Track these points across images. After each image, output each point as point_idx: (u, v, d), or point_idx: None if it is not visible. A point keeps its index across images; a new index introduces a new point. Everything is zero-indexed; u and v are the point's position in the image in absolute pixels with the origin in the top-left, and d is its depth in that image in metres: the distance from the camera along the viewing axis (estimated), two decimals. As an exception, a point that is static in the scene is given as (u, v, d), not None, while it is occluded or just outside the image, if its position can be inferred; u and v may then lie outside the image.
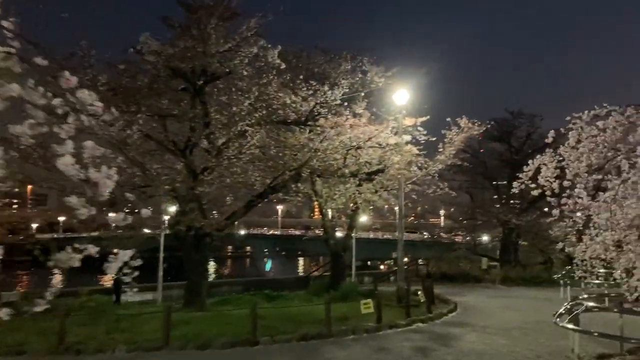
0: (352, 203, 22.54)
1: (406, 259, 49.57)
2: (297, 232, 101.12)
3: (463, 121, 21.32)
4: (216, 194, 14.83)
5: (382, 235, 76.26)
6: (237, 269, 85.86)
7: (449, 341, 12.77)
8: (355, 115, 18.03)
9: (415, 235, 71.08)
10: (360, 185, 21.04)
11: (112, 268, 3.88)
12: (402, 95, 19.32)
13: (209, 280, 40.19)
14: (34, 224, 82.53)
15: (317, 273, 35.39)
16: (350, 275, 28.20)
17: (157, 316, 13.81)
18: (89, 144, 4.08)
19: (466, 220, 40.66)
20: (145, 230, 25.16)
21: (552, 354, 11.06)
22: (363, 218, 30.52)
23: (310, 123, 16.22)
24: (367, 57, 18.75)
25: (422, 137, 20.69)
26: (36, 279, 51.46)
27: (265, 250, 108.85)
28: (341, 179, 17.96)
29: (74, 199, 4.10)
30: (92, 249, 3.95)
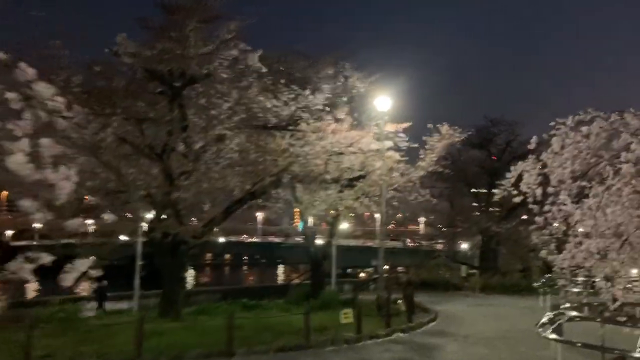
0: (333, 210, 22.28)
1: (386, 267, 49.49)
2: (277, 239, 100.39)
3: (444, 128, 21.26)
4: (193, 200, 14.44)
5: (362, 242, 76.12)
6: (217, 277, 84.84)
7: (430, 352, 12.55)
8: (337, 120, 17.83)
9: (396, 243, 71.17)
10: (341, 192, 20.80)
11: (69, 279, 3.56)
12: (384, 101, 19.18)
13: (186, 289, 39.69)
14: (8, 231, 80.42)
15: (298, 281, 34.99)
16: (331, 284, 27.90)
17: (130, 326, 13.33)
18: (46, 142, 3.74)
19: (446, 228, 40.68)
20: (121, 237, 24.63)
21: (535, 365, 10.90)
22: (344, 225, 30.29)
23: (291, 128, 15.94)
24: (349, 62, 18.62)
25: (404, 144, 20.58)
26: (9, 287, 49.99)
27: (244, 258, 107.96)
28: (322, 185, 17.70)
29: (28, 203, 3.75)
30: (46, 258, 3.62)
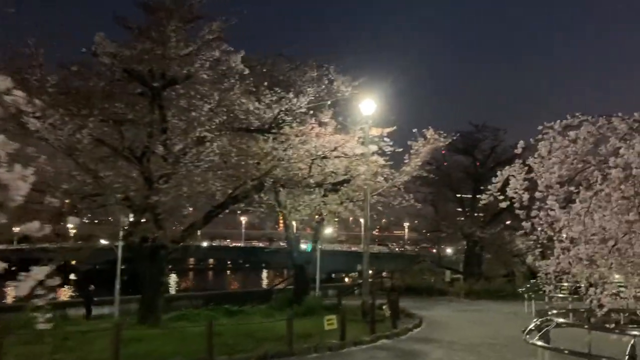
0: (317, 214, 22.05)
1: (370, 272, 49.28)
2: (261, 244, 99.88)
3: (429, 132, 21.15)
4: (173, 204, 14.08)
5: (347, 247, 75.92)
6: (200, 282, 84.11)
7: (415, 358, 12.34)
8: (321, 124, 17.61)
9: (381, 248, 71.08)
10: (325, 196, 20.59)
11: (24, 288, 3.26)
12: (368, 105, 19.04)
13: (168, 294, 39.09)
14: (-14, 235, 78.78)
15: (282, 286, 34.64)
16: (315, 289, 27.62)
17: (108, 333, 12.93)
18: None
19: (430, 233, 40.66)
20: (101, 241, 24.08)
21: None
22: (328, 230, 30.06)
23: (274, 131, 15.68)
24: (333, 65, 18.39)
25: (388, 148, 20.41)
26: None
27: (228, 262, 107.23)
28: (306, 189, 17.45)
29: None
30: (-1, 265, 3.31)
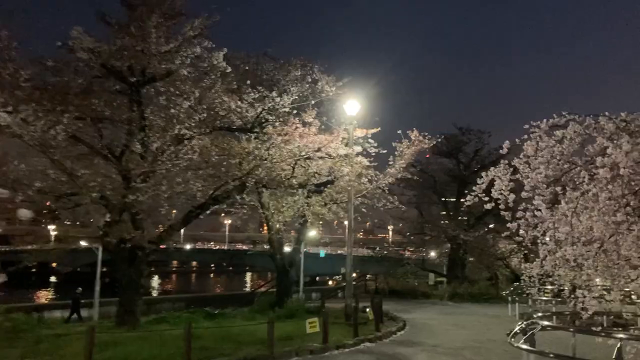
0: (300, 216, 21.78)
1: (355, 275, 49.13)
2: (245, 246, 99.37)
3: (414, 134, 21.01)
4: (151, 204, 13.71)
5: (331, 250, 75.77)
6: (183, 285, 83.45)
7: (399, 362, 12.11)
8: (305, 124, 17.35)
9: (365, 251, 71.00)
10: (309, 198, 20.34)
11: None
12: (353, 105, 18.85)
13: (149, 297, 38.53)
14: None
15: (264, 289, 34.31)
16: (298, 292, 27.34)
17: (84, 336, 12.53)
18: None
19: (415, 236, 40.59)
20: (82, 243, 23.58)
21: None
22: (312, 232, 29.80)
23: (256, 130, 15.38)
24: (317, 65, 18.17)
25: (373, 150, 20.23)
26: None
27: (211, 265, 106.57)
28: (288, 190, 17.16)
29: None
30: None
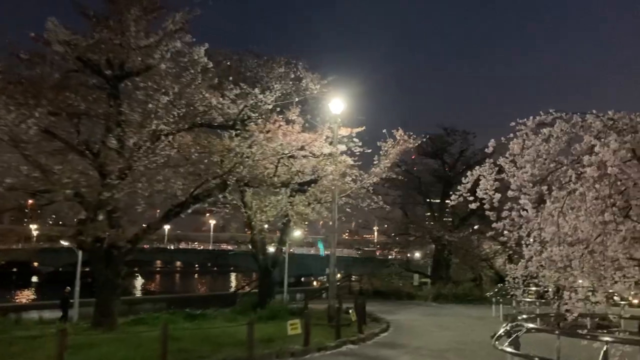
0: (283, 216, 21.47)
1: (339, 275, 48.99)
2: (229, 246, 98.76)
3: (399, 133, 20.84)
4: (129, 202, 13.33)
5: (315, 251, 75.62)
6: (166, 285, 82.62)
7: (381, 365, 11.87)
8: (288, 122, 17.07)
9: (350, 251, 70.91)
10: (292, 197, 20.03)
11: None
12: (337, 104, 18.60)
13: (131, 297, 37.94)
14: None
15: (249, 289, 33.94)
16: (281, 292, 27.04)
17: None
18: None
19: (399, 236, 40.47)
20: (62, 242, 23.08)
21: (489, 379, 10.35)
22: (297, 233, 29.52)
23: (238, 127, 15.05)
24: (302, 62, 17.90)
25: (357, 149, 19.99)
26: None
27: (195, 265, 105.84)
28: (271, 188, 16.85)
29: None
30: None
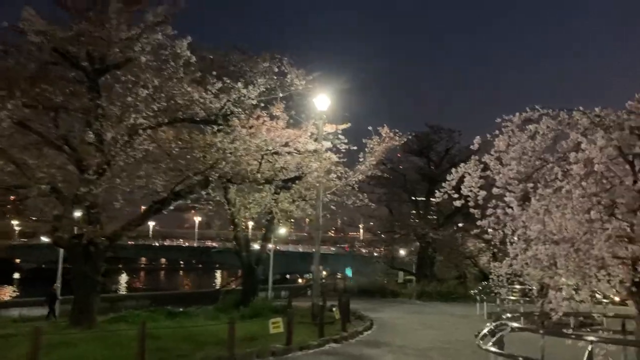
0: (267, 213, 21.23)
1: (325, 273, 48.88)
2: (215, 244, 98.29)
3: (384, 130, 20.70)
4: (107, 198, 13.00)
5: (302, 248, 75.58)
6: (151, 282, 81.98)
7: (364, 364, 11.71)
8: (273, 117, 16.82)
9: (336, 249, 70.97)
10: (277, 194, 19.80)
11: None
12: (322, 100, 18.39)
13: (114, 294, 37.50)
14: None
15: (234, 286, 33.67)
16: (265, 290, 26.84)
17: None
18: None
19: (385, 234, 40.45)
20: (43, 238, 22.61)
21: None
22: (282, 230, 29.36)
23: (220, 122, 14.77)
24: (287, 58, 17.63)
25: (343, 146, 19.79)
26: None
27: (180, 262, 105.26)
28: (254, 185, 16.60)
29: None
30: None
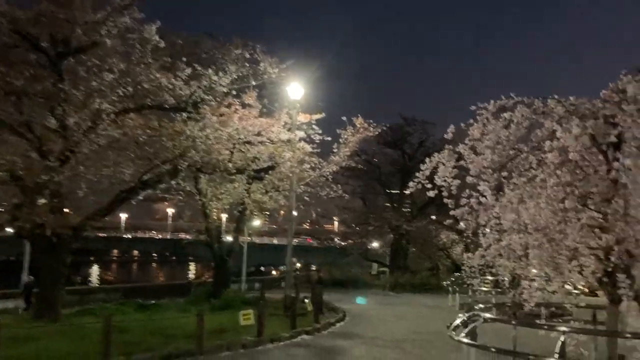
0: (240, 204, 20.89)
1: (299, 265, 48.74)
2: (189, 236, 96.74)
3: (359, 121, 20.53)
4: (72, 187, 12.53)
5: (276, 240, 75.38)
6: (123, 275, 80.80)
7: (336, 356, 11.55)
8: (245, 106, 16.48)
9: (310, 241, 70.90)
10: (249, 184, 19.47)
11: None
12: (296, 89, 18.11)
13: (83, 287, 36.68)
14: None
15: (207, 277, 33.31)
16: (239, 282, 26.55)
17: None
18: None
19: (359, 226, 40.45)
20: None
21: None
22: (256, 222, 29.05)
23: (190, 110, 14.37)
24: (260, 45, 17.27)
25: (317, 136, 19.57)
26: None
27: (154, 254, 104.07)
28: (225, 174, 16.24)
29: None
30: None
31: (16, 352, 10.47)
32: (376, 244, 41.69)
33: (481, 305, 11.32)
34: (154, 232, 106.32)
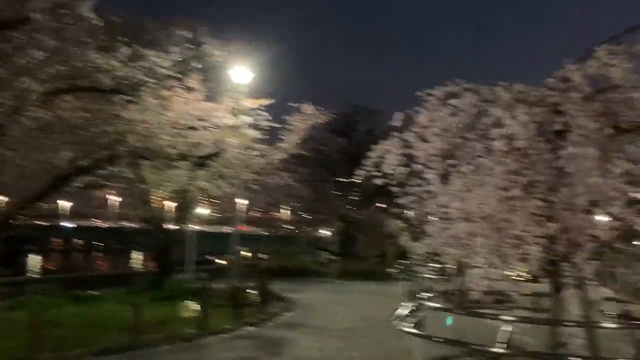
0: (184, 191, 20.20)
1: (249, 254, 48.30)
2: (135, 224, 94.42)
3: (308, 107, 20.13)
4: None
5: (226, 229, 74.27)
6: (64, 264, 77.91)
7: (280, 348, 11.29)
8: (188, 89, 15.79)
9: (260, 230, 70.32)
10: (194, 171, 18.81)
11: None
12: (242, 72, 17.52)
13: (16, 278, 34.89)
14: None
15: (152, 267, 32.32)
16: (182, 271, 25.85)
17: None
18: None
19: (309, 214, 40.31)
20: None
21: (393, 358, 10.08)
22: (205, 210, 28.38)
23: (129, 92, 13.63)
24: (204, 27, 16.60)
25: (265, 123, 19.04)
26: None
27: (98, 243, 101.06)
28: (166, 161, 15.59)
29: None
30: None
31: None
32: (326, 231, 41.67)
33: (427, 294, 11.31)
34: (98, 220, 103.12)
